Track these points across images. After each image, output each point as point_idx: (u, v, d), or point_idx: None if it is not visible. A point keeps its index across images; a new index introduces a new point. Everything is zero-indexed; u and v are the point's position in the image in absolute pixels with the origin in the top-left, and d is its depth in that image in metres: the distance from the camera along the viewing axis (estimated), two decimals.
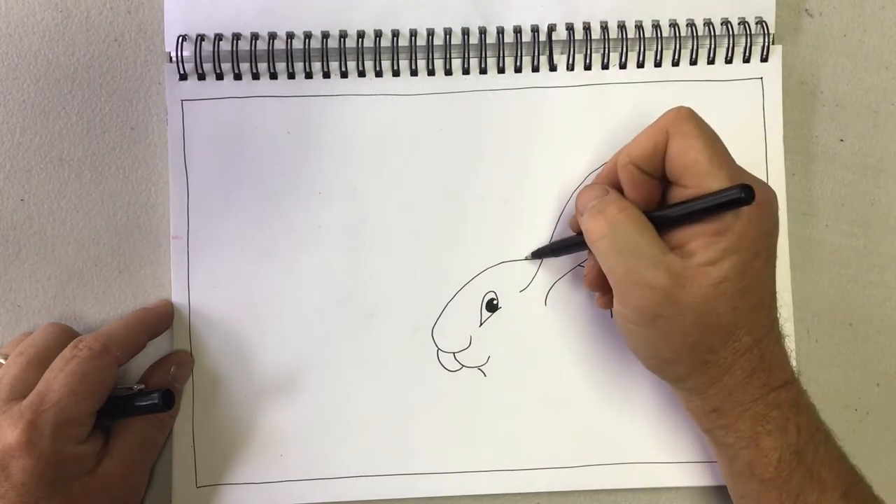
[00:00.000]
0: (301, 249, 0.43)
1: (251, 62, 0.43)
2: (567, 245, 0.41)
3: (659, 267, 0.34)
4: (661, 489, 0.43)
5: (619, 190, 0.38)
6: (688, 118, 0.36)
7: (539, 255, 0.43)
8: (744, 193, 0.33)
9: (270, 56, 0.43)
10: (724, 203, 0.34)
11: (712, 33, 0.43)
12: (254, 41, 0.43)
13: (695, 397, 0.38)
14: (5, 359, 0.39)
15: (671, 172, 0.37)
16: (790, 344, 0.39)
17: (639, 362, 0.43)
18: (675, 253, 0.35)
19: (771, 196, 0.36)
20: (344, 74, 0.43)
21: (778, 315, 0.37)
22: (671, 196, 0.37)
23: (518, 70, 0.43)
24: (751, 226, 0.34)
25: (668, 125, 0.36)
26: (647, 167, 0.37)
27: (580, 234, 0.39)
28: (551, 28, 0.43)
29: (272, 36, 0.43)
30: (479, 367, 0.43)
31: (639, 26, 0.43)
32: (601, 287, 0.40)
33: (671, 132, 0.36)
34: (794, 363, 0.38)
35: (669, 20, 0.43)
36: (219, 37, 0.43)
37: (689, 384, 0.37)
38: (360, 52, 0.43)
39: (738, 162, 0.36)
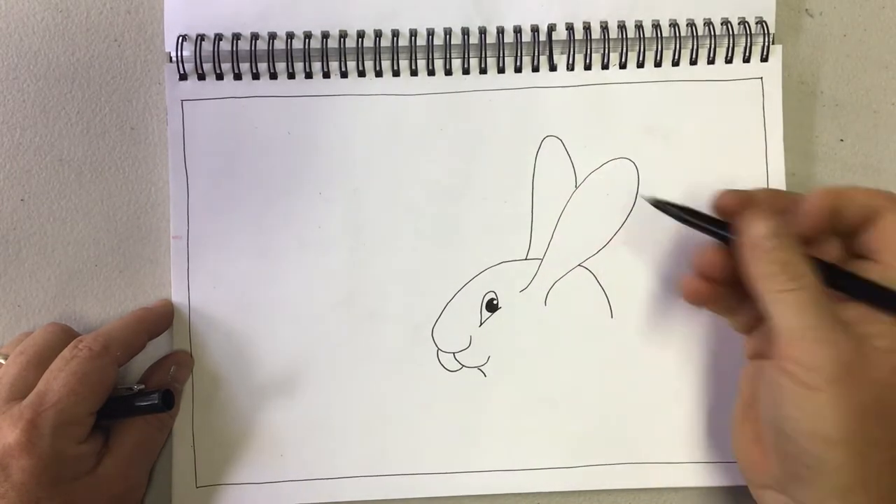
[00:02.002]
0: (301, 250, 0.43)
1: (251, 62, 0.43)
2: (702, 223, 0.38)
3: (847, 330, 0.32)
4: (661, 489, 0.43)
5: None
6: None
7: (663, 209, 0.39)
8: None
9: (270, 56, 0.43)
10: None
11: (712, 33, 0.43)
12: (254, 41, 0.43)
13: (806, 497, 0.33)
14: (5, 358, 0.39)
15: (873, 241, 0.35)
16: None
17: (638, 363, 0.43)
18: (851, 328, 0.33)
19: None
20: (344, 74, 0.43)
21: None
22: (855, 265, 0.35)
23: (518, 70, 0.43)
24: None
25: (892, 198, 0.35)
26: (844, 214, 0.35)
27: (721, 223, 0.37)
28: (551, 28, 0.43)
29: (272, 36, 0.43)
30: (479, 367, 0.43)
31: (639, 26, 0.43)
32: (719, 273, 0.37)
33: (893, 206, 0.34)
34: None
35: (669, 20, 0.43)
36: (219, 37, 0.43)
37: (827, 483, 0.32)
38: (360, 52, 0.43)
39: (738, 161, 0.36)
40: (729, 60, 0.44)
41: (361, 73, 0.43)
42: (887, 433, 0.32)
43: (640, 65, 0.44)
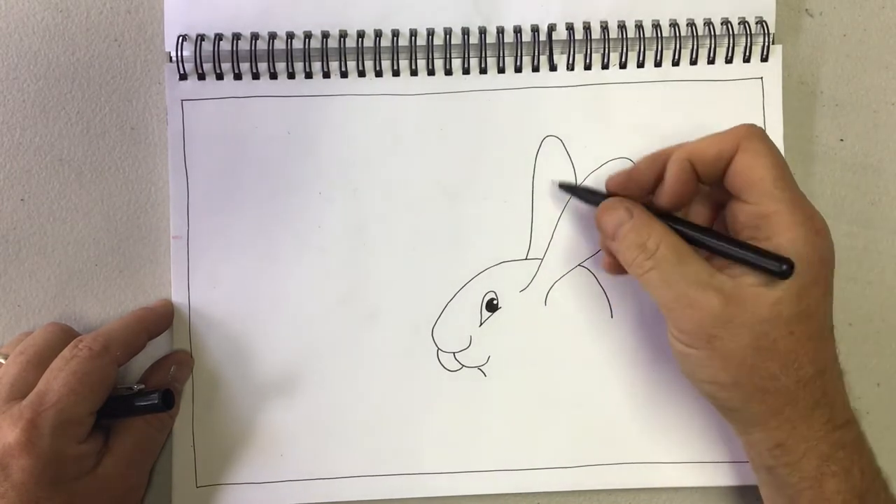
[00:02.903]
0: (301, 249, 0.43)
1: (251, 62, 0.43)
2: (598, 198, 0.40)
3: (708, 289, 0.34)
4: (660, 489, 0.43)
5: (649, 182, 0.38)
6: (760, 136, 0.36)
7: (567, 188, 0.43)
8: (785, 267, 0.33)
9: (270, 56, 0.43)
10: (761, 266, 0.34)
11: (712, 33, 0.43)
12: (254, 41, 0.43)
13: (756, 430, 0.36)
14: (5, 358, 0.39)
15: (732, 184, 0.36)
16: None
17: (638, 363, 0.43)
18: (724, 273, 0.35)
19: (824, 228, 0.36)
20: (344, 74, 0.43)
21: (836, 349, 0.36)
22: (730, 207, 0.37)
23: (518, 70, 0.43)
24: (807, 250, 0.34)
25: (740, 138, 0.36)
26: (702, 169, 0.37)
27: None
28: (551, 28, 0.43)
29: (272, 36, 0.43)
30: (479, 367, 0.43)
31: (639, 26, 0.43)
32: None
33: (742, 146, 0.36)
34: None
35: (669, 20, 0.43)
36: (219, 37, 0.43)
37: (749, 414, 0.36)
38: (360, 52, 0.43)
39: None
40: (729, 60, 0.44)
41: (361, 73, 0.43)
42: (774, 361, 0.34)
43: (641, 65, 0.44)
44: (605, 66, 0.44)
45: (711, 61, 0.44)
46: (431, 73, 0.43)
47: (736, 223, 0.37)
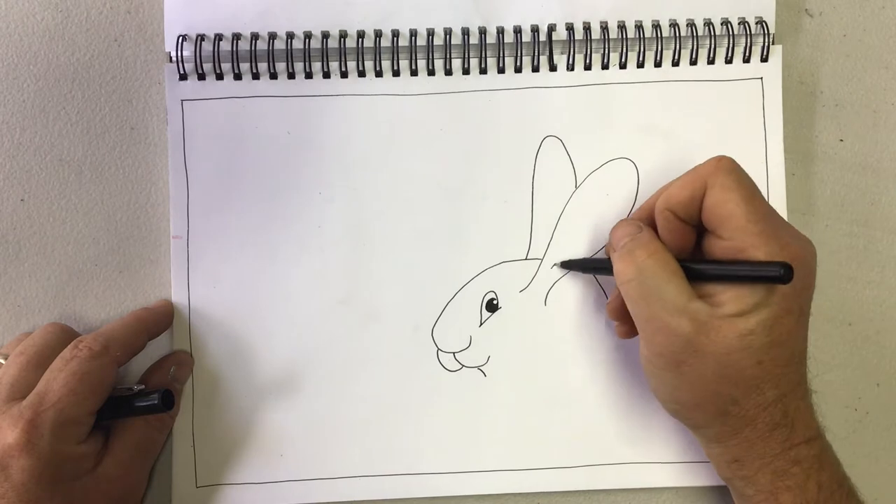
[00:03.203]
0: (301, 249, 0.43)
1: (251, 62, 0.43)
2: (599, 267, 0.42)
3: (683, 315, 0.34)
4: (660, 489, 0.43)
5: (655, 228, 0.38)
6: (727, 170, 0.36)
7: (568, 266, 0.43)
8: (782, 272, 0.33)
9: (270, 56, 0.43)
10: (760, 276, 0.34)
11: (712, 33, 0.43)
12: (254, 41, 0.43)
13: (715, 445, 0.37)
14: (5, 359, 0.39)
15: (707, 222, 0.37)
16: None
17: (638, 364, 0.43)
18: (705, 301, 0.35)
19: (810, 252, 0.36)
20: (344, 74, 0.43)
21: (806, 370, 0.37)
22: (707, 243, 0.37)
23: (518, 70, 0.43)
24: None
25: (707, 175, 0.36)
26: (684, 214, 0.37)
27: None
28: (551, 28, 0.43)
29: (272, 36, 0.43)
30: (479, 367, 0.43)
31: (639, 26, 0.43)
32: (623, 318, 0.40)
33: (710, 183, 0.36)
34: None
35: (669, 20, 0.43)
36: (219, 37, 0.43)
37: (710, 432, 0.37)
38: (360, 52, 0.43)
39: (738, 161, 0.36)
40: (729, 60, 0.44)
41: (361, 73, 0.43)
42: (738, 387, 0.35)
43: (640, 65, 0.44)
44: (605, 67, 0.44)
45: (711, 61, 0.44)
46: (431, 73, 0.43)
47: (713, 257, 0.37)
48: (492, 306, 0.43)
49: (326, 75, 0.43)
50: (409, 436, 0.43)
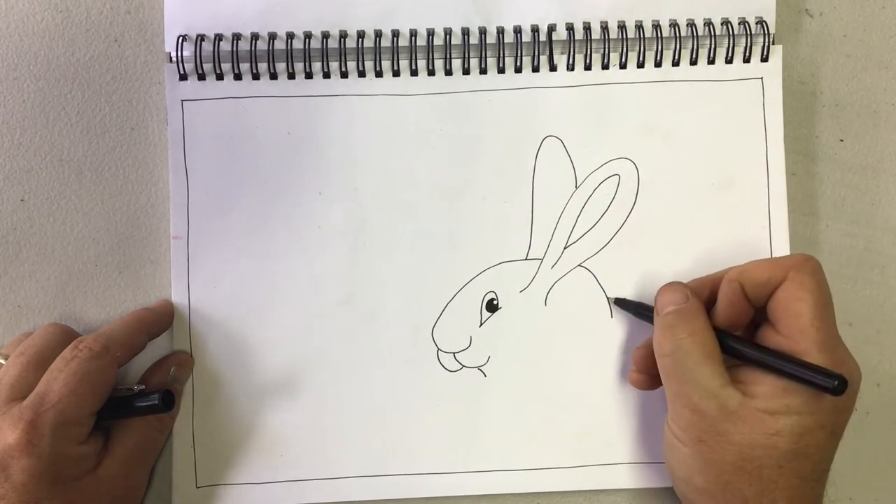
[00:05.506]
0: (301, 249, 0.43)
1: (251, 62, 0.43)
2: (651, 316, 0.40)
3: (713, 399, 0.35)
4: (660, 489, 0.43)
5: (705, 299, 0.38)
6: (811, 271, 0.36)
7: (622, 306, 0.43)
8: (836, 384, 0.33)
9: (270, 56, 0.43)
10: (812, 381, 0.34)
11: (712, 33, 0.43)
12: (254, 41, 0.43)
13: None
14: (5, 359, 0.39)
15: (771, 311, 0.37)
16: None
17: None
18: (738, 387, 0.35)
19: (857, 377, 0.36)
20: (344, 74, 0.43)
21: (824, 492, 0.36)
22: (761, 332, 0.37)
23: (518, 70, 0.43)
24: (825, 398, 0.34)
25: (791, 267, 0.36)
26: (751, 293, 0.37)
27: None
28: (551, 28, 0.43)
29: (272, 36, 0.43)
30: (479, 367, 0.43)
31: (639, 26, 0.43)
32: (644, 368, 0.40)
33: (790, 275, 0.36)
34: None
35: (669, 20, 0.43)
36: (219, 37, 0.43)
37: None
38: (360, 52, 0.43)
39: (738, 162, 0.36)
40: (729, 60, 0.44)
41: (361, 74, 0.43)
42: (752, 486, 0.34)
43: (641, 65, 0.44)
44: (605, 67, 0.44)
45: (711, 61, 0.44)
46: (431, 73, 0.43)
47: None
48: (492, 306, 0.43)
49: (326, 75, 0.43)
50: (409, 436, 0.43)
